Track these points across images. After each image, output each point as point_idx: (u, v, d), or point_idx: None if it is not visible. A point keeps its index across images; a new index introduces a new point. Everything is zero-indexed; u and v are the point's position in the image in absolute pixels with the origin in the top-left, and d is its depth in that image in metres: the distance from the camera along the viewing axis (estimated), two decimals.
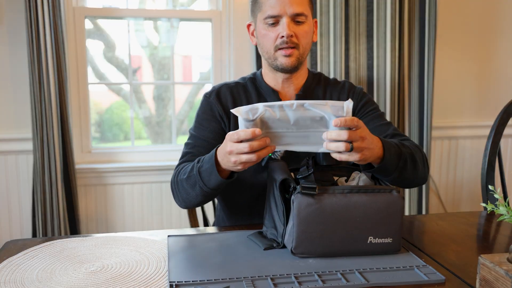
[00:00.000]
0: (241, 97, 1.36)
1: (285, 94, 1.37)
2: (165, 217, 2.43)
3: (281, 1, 1.26)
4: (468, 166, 2.70)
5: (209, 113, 1.35)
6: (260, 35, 1.32)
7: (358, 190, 1.02)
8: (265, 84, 1.36)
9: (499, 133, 1.55)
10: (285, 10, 1.26)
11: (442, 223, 1.31)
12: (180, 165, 1.28)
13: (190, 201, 1.22)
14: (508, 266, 0.81)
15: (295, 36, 1.27)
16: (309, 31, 1.31)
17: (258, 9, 1.31)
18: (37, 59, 2.07)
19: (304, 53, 1.32)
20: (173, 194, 1.28)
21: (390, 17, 2.26)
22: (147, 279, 0.95)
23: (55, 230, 2.18)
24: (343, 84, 1.42)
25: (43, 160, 2.12)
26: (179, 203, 1.27)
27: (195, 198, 1.20)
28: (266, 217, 1.15)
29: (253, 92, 1.37)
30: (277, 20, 1.27)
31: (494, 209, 0.86)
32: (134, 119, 2.50)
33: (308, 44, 1.32)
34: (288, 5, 1.26)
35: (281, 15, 1.27)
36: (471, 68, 2.63)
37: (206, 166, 1.13)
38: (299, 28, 1.29)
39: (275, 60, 1.30)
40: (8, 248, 1.12)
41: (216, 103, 1.34)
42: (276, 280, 0.93)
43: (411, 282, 0.92)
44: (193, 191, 1.18)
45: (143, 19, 2.45)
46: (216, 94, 1.35)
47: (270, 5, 1.27)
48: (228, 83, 1.39)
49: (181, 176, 1.22)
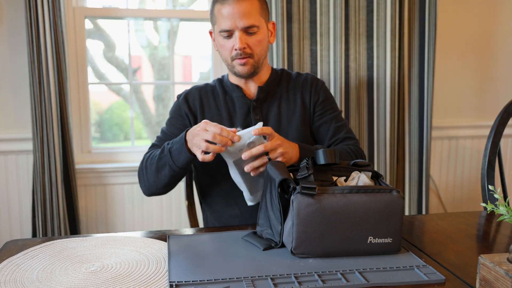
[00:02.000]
0: (208, 96, 1.49)
1: (248, 88, 1.47)
2: (165, 217, 2.43)
3: (231, 16, 1.34)
4: (468, 166, 2.70)
5: (177, 113, 1.48)
6: (218, 45, 1.42)
7: (357, 190, 1.02)
8: (230, 83, 1.48)
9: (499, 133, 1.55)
10: (236, 25, 1.35)
11: (442, 223, 1.31)
12: (146, 154, 1.41)
13: (157, 184, 1.35)
14: (508, 266, 0.81)
15: (248, 47, 1.37)
16: (262, 39, 1.40)
17: (214, 21, 1.40)
18: (37, 59, 2.07)
19: (260, 60, 1.42)
20: (140, 180, 1.40)
21: (390, 17, 2.26)
22: (147, 279, 0.95)
23: (55, 230, 2.18)
24: (305, 77, 1.53)
25: (43, 160, 2.12)
26: (145, 188, 1.39)
27: (163, 180, 1.33)
28: (260, 217, 1.15)
29: (220, 90, 1.49)
30: (231, 33, 1.36)
31: (494, 209, 0.86)
32: (134, 119, 2.50)
33: (263, 50, 1.42)
34: (238, 20, 1.34)
35: (233, 29, 1.35)
36: (471, 68, 2.63)
37: (176, 146, 1.27)
38: (252, 38, 1.38)
39: (233, 68, 1.41)
40: (8, 248, 1.12)
41: (183, 103, 1.48)
42: (276, 280, 0.93)
43: (411, 282, 0.92)
44: (163, 171, 1.31)
45: (143, 19, 2.45)
46: (185, 96, 1.49)
47: (223, 19, 1.36)
48: (199, 85, 1.53)
49: (150, 161, 1.35)
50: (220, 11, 1.35)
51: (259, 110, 1.44)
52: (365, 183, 1.08)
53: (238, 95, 1.45)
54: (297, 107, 1.47)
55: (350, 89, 2.30)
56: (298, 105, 1.47)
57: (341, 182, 1.11)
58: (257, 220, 1.16)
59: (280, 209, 1.05)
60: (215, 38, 1.43)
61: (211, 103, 1.47)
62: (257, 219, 1.17)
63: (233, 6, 1.33)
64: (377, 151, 2.37)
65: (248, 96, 1.46)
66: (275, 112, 1.45)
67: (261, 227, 1.14)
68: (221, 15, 1.35)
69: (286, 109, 1.46)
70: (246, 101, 1.45)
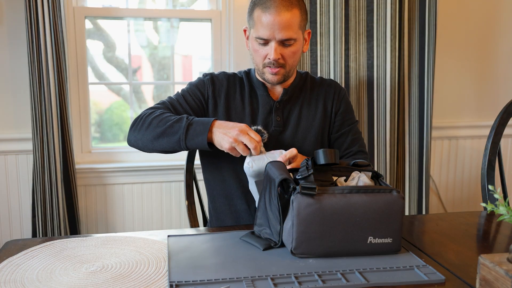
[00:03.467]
0: (236, 85, 1.46)
1: (273, 88, 1.47)
2: (165, 217, 2.43)
3: (271, 26, 1.31)
4: (468, 166, 2.70)
5: (199, 88, 1.45)
6: (252, 48, 1.40)
7: (357, 190, 1.02)
8: (257, 79, 1.46)
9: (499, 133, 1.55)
10: (273, 35, 1.32)
11: (442, 223, 1.31)
12: (154, 108, 1.36)
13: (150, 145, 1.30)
14: (508, 266, 0.81)
15: (282, 58, 1.35)
16: (297, 51, 1.38)
17: (252, 24, 1.37)
18: (37, 59, 2.07)
19: (291, 70, 1.40)
20: (134, 129, 1.34)
21: (390, 17, 2.26)
22: (147, 279, 0.95)
23: (55, 230, 2.18)
24: (329, 84, 1.52)
25: (43, 160, 2.12)
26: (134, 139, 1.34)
27: (159, 145, 1.29)
28: (258, 216, 1.14)
29: (246, 84, 1.46)
30: (267, 42, 1.34)
31: (494, 209, 0.86)
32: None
33: (296, 61, 1.41)
34: (277, 31, 1.31)
35: (270, 39, 1.33)
36: (471, 68, 2.63)
37: (197, 126, 1.25)
38: (287, 50, 1.36)
39: (263, 74, 1.40)
40: (8, 248, 1.12)
41: (209, 83, 1.45)
42: (276, 280, 0.93)
43: (411, 282, 0.92)
44: (166, 138, 1.27)
45: (143, 19, 2.45)
46: (212, 77, 1.46)
47: (262, 27, 1.32)
48: (226, 72, 1.50)
49: (157, 120, 1.30)
50: (260, 18, 1.32)
51: (280, 112, 1.44)
52: (365, 183, 1.08)
53: (262, 94, 1.45)
54: (318, 113, 1.47)
55: (350, 89, 2.30)
56: (319, 111, 1.48)
57: (341, 182, 1.11)
58: (255, 219, 1.16)
59: (279, 209, 1.05)
60: (249, 39, 1.40)
61: (237, 95, 1.45)
62: (254, 218, 1.17)
63: (274, 16, 1.29)
64: (377, 151, 2.37)
65: (272, 95, 1.46)
66: (296, 116, 1.46)
67: (260, 226, 1.14)
68: (260, 22, 1.32)
69: (307, 114, 1.47)
70: (269, 101, 1.44)
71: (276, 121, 1.43)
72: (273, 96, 1.46)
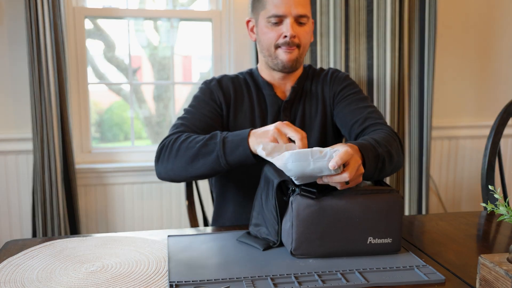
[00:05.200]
0: (242, 88, 1.41)
1: (279, 87, 1.43)
2: (165, 217, 2.43)
3: (286, 2, 1.28)
4: (468, 166, 2.70)
5: (209, 97, 1.38)
6: (261, 33, 1.35)
7: (357, 190, 1.02)
8: (262, 79, 1.41)
9: (499, 133, 1.55)
10: (290, 11, 1.29)
11: (442, 223, 1.31)
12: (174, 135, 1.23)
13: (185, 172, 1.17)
14: (508, 266, 0.81)
15: (297, 37, 1.31)
16: (309, 32, 1.36)
17: (261, 7, 1.33)
18: (37, 59, 2.07)
19: (303, 53, 1.36)
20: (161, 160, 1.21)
21: (390, 17, 2.26)
22: (147, 279, 0.95)
23: (55, 230, 2.18)
24: (327, 72, 1.48)
25: (43, 160, 2.12)
26: (164, 171, 1.21)
27: (197, 170, 1.16)
28: (254, 216, 1.14)
29: (252, 85, 1.42)
30: (281, 19, 1.30)
31: (494, 209, 0.86)
32: (134, 119, 2.50)
33: (307, 45, 1.37)
34: (293, 6, 1.29)
35: (285, 15, 1.30)
36: (471, 68, 2.63)
37: (233, 138, 1.11)
38: (301, 29, 1.32)
39: (275, 58, 1.34)
40: (8, 248, 1.12)
41: (217, 89, 1.38)
42: (276, 280, 0.93)
43: (411, 282, 0.92)
44: (203, 160, 1.13)
45: (143, 19, 2.45)
46: (218, 81, 1.40)
47: (275, 4, 1.29)
48: (228, 75, 1.45)
49: (186, 144, 1.17)
50: None
51: (288, 111, 1.41)
52: (365, 183, 1.09)
53: (269, 93, 1.40)
54: (319, 104, 1.43)
55: None
56: (320, 102, 1.43)
57: None
58: (250, 219, 1.16)
59: (276, 209, 1.05)
60: (257, 25, 1.36)
61: (245, 97, 1.40)
62: (250, 218, 1.16)
63: None
64: None
65: (279, 95, 1.42)
66: (301, 112, 1.42)
67: (256, 226, 1.13)
68: (273, 0, 1.29)
69: (309, 108, 1.43)
70: (277, 101, 1.41)
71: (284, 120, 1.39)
72: (280, 95, 1.42)
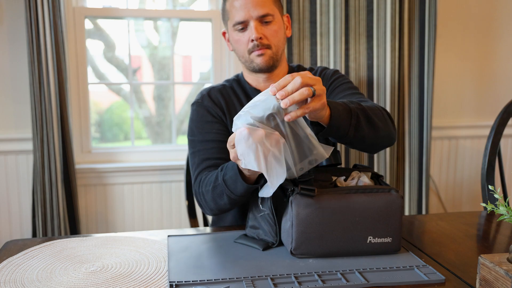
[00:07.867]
0: (231, 97, 1.40)
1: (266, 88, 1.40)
2: (165, 217, 2.43)
3: (244, 6, 1.30)
4: (468, 166, 2.70)
5: (207, 116, 1.36)
6: (233, 41, 1.36)
7: (356, 190, 1.02)
8: (249, 85, 1.41)
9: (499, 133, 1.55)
10: (250, 14, 1.30)
11: (442, 223, 1.31)
12: (200, 175, 1.28)
13: (220, 209, 1.22)
14: (508, 266, 0.81)
15: (265, 37, 1.32)
16: (278, 30, 1.34)
17: (227, 17, 1.36)
18: (37, 59, 2.07)
19: (278, 51, 1.35)
20: (200, 205, 1.28)
21: (390, 17, 2.26)
22: (147, 279, 0.95)
23: (55, 230, 2.18)
24: (316, 71, 1.46)
25: (43, 160, 2.12)
26: (208, 212, 1.27)
27: (225, 206, 1.20)
28: (250, 217, 1.14)
29: (240, 92, 1.41)
30: (245, 25, 1.32)
31: (494, 209, 0.86)
32: (134, 119, 2.50)
33: (280, 42, 1.36)
34: (252, 9, 1.30)
35: (247, 20, 1.31)
36: (471, 68, 2.63)
37: (230, 173, 1.11)
38: (268, 28, 1.32)
39: (252, 63, 1.34)
40: (8, 248, 1.12)
41: (211, 104, 1.38)
42: (276, 280, 0.93)
43: (411, 282, 0.92)
44: (221, 200, 1.18)
45: (143, 19, 2.45)
46: (208, 96, 1.39)
47: (236, 11, 1.31)
48: (215, 86, 1.43)
49: (206, 187, 1.22)
50: (233, 4, 1.31)
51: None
52: (365, 183, 1.08)
53: None
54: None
55: None
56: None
57: (341, 182, 1.11)
58: (247, 221, 1.16)
59: (272, 210, 1.05)
60: (229, 35, 1.38)
61: (237, 106, 1.38)
62: (246, 220, 1.16)
63: None
64: None
65: None
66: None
67: (253, 228, 1.13)
68: (234, 8, 1.31)
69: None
70: None
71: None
72: None
